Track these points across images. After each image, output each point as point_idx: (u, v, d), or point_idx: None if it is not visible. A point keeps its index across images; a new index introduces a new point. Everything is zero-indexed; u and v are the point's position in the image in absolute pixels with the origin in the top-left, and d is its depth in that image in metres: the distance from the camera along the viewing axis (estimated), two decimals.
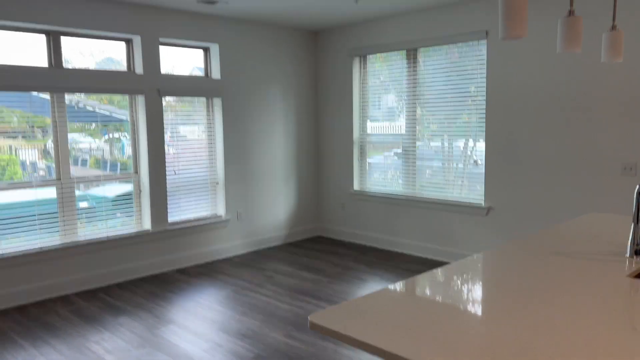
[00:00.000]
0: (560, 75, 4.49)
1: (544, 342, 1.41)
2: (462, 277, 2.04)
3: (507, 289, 1.88)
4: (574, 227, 2.89)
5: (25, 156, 4.70)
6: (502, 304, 1.72)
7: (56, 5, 4.44)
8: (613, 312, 1.62)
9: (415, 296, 1.85)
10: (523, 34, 1.78)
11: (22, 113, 4.60)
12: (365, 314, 1.64)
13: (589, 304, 1.70)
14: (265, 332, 3.73)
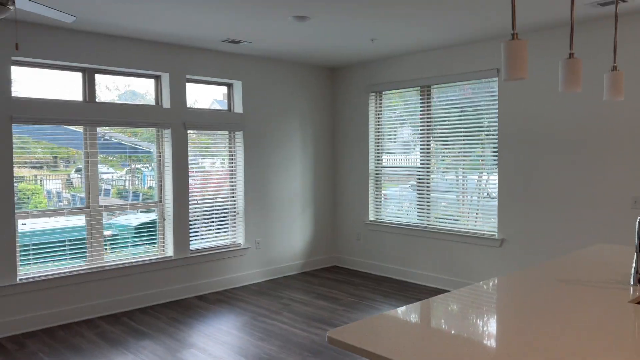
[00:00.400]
0: (570, 110, 4.66)
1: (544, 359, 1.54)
2: (470, 300, 2.18)
3: (512, 311, 2.01)
4: (581, 257, 3.00)
5: (51, 186, 4.97)
6: (505, 325, 1.86)
7: (92, 46, 4.78)
8: (611, 335, 1.75)
9: (426, 315, 1.99)
10: (524, 76, 1.97)
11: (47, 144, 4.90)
12: (379, 331, 1.78)
13: (588, 328, 1.82)
14: (282, 357, 3.84)
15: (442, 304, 2.13)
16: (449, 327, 1.85)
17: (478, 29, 4.73)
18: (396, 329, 1.81)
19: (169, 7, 3.97)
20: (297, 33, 4.86)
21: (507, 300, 2.18)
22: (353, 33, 4.89)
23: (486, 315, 2.00)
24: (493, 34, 4.93)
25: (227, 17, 4.28)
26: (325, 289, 5.74)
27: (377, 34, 4.92)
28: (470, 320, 1.92)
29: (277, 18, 4.32)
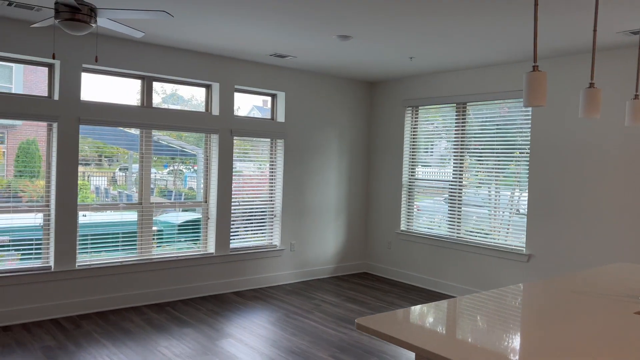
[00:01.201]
0: (599, 132, 4.80)
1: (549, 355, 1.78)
2: (488, 302, 2.42)
3: (524, 314, 2.25)
4: (599, 273, 3.17)
5: (98, 182, 5.41)
6: (513, 324, 2.10)
7: (152, 56, 5.23)
8: (612, 341, 1.97)
9: (445, 311, 2.24)
10: (542, 104, 2.22)
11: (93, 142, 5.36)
12: (401, 321, 2.06)
13: (591, 333, 2.04)
14: (313, 351, 4.13)
15: (462, 303, 2.38)
16: (464, 322, 2.10)
17: (511, 50, 4.93)
18: (416, 320, 2.08)
19: (224, 22, 4.36)
20: (339, 50, 5.18)
21: (521, 305, 2.41)
22: (392, 51, 5.17)
23: (498, 315, 2.24)
24: (526, 55, 5.12)
25: (276, 34, 4.65)
26: (354, 293, 6.00)
27: (415, 52, 5.19)
28: (484, 319, 2.17)
29: (322, 37, 4.65)
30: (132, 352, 4.00)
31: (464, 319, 2.16)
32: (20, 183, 4.72)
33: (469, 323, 2.11)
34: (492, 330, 2.03)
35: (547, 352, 1.78)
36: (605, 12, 3.66)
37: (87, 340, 4.21)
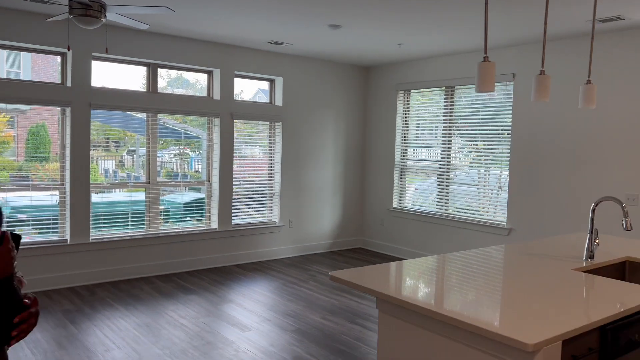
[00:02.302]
0: (574, 115, 5.13)
1: (501, 300, 2.18)
2: (452, 262, 2.81)
3: (479, 269, 2.64)
4: (557, 240, 3.56)
5: (107, 165, 5.79)
6: (466, 278, 2.49)
7: (156, 44, 5.59)
8: (547, 290, 2.36)
9: (407, 267, 2.64)
10: (491, 89, 2.57)
11: (100, 126, 5.76)
12: (369, 274, 2.46)
13: (532, 284, 2.44)
14: (306, 314, 4.56)
15: (426, 262, 2.77)
16: (421, 275, 2.50)
17: (496, 36, 5.25)
18: (379, 274, 2.48)
19: (223, 13, 4.71)
20: (332, 38, 5.51)
21: (479, 263, 2.80)
22: (381, 39, 5.50)
23: (455, 270, 2.64)
24: (510, 41, 5.44)
25: (272, 23, 4.99)
26: (349, 266, 6.42)
27: (404, 39, 5.52)
28: (440, 273, 2.57)
29: (314, 25, 4.99)
30: (142, 314, 4.45)
31: (422, 273, 2.56)
32: (31, 166, 5.12)
33: (424, 276, 2.51)
34: (443, 280, 2.43)
35: (488, 299, 2.18)
36: (579, 2, 3.97)
37: (102, 305, 4.67)
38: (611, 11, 4.18)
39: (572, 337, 1.82)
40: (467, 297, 2.18)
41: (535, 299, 2.14)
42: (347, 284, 2.36)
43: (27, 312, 1.39)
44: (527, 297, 2.17)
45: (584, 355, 1.87)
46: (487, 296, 2.17)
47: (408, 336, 2.10)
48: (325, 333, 4.13)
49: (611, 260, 2.97)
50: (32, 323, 1.41)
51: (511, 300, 2.12)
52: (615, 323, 1.99)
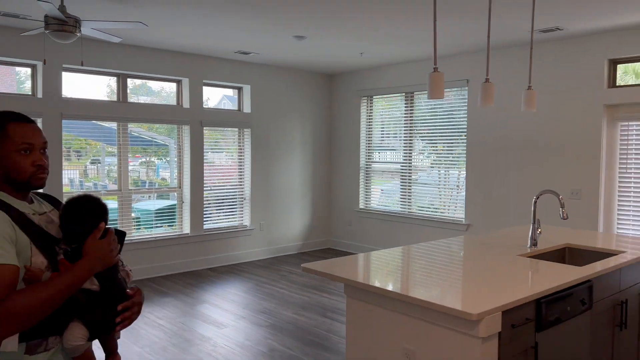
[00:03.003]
0: (522, 118, 5.56)
1: (453, 281, 2.48)
2: (412, 252, 3.11)
3: (434, 257, 2.94)
4: (508, 231, 3.91)
5: (72, 175, 5.84)
6: (421, 264, 2.79)
7: (126, 55, 5.74)
8: (493, 273, 2.68)
9: (372, 258, 2.92)
10: (440, 97, 2.89)
11: (71, 137, 5.86)
12: (337, 264, 2.73)
13: (486, 268, 2.75)
14: (279, 310, 4.80)
15: (388, 252, 3.06)
16: (387, 263, 2.79)
17: (450, 45, 5.63)
18: (346, 264, 2.76)
19: (192, 25, 4.92)
20: (297, 47, 5.78)
21: (435, 252, 3.11)
22: (344, 48, 5.80)
23: (416, 258, 2.93)
24: (463, 49, 5.83)
25: (239, 34, 5.22)
26: None
27: (365, 49, 5.84)
28: (402, 261, 2.86)
29: (280, 36, 5.25)
30: None
31: (385, 262, 2.84)
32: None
33: (386, 264, 2.79)
34: (403, 267, 2.71)
35: (442, 281, 2.48)
36: (522, 13, 4.36)
37: None
38: (551, 22, 4.59)
39: (511, 309, 2.12)
40: (424, 280, 2.47)
41: (483, 280, 2.46)
42: (318, 273, 2.62)
43: (130, 301, 1.50)
44: (476, 279, 2.48)
45: (521, 324, 2.19)
46: (442, 279, 2.47)
47: (372, 316, 2.38)
48: (298, 327, 4.38)
49: (553, 247, 3.33)
50: (135, 312, 1.52)
51: (462, 282, 2.43)
52: (548, 297, 2.32)
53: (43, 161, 1.45)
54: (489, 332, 2.00)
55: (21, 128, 1.42)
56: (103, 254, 1.44)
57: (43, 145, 1.47)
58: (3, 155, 1.40)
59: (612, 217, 5.06)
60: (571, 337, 2.53)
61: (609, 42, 4.94)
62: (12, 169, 1.41)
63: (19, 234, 1.35)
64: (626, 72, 5.03)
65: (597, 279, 2.69)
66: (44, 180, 1.47)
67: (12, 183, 1.43)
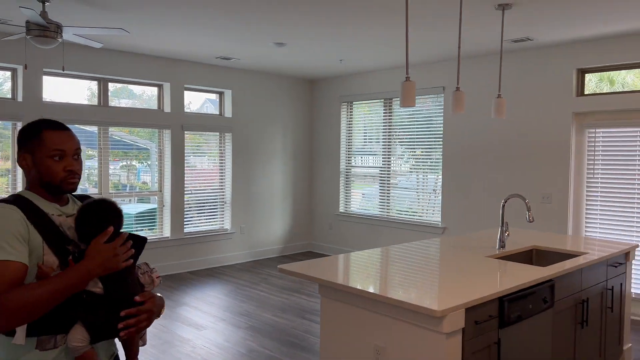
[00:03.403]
0: (496, 125, 5.74)
1: (423, 281, 2.59)
2: (384, 254, 3.22)
3: (410, 259, 3.06)
4: (478, 234, 4.06)
5: None
6: (398, 264, 2.91)
7: (107, 60, 5.77)
8: (461, 272, 2.81)
9: (348, 260, 3.03)
10: (412, 104, 3.02)
11: None
12: (313, 265, 2.83)
13: (454, 268, 2.88)
14: (258, 312, 4.88)
15: (361, 254, 3.17)
16: (359, 264, 2.90)
17: (429, 53, 5.79)
18: (320, 265, 2.86)
19: (173, 31, 4.99)
20: (277, 53, 5.89)
21: (407, 255, 3.23)
22: (324, 55, 5.93)
23: (389, 259, 3.05)
24: (440, 57, 5.99)
25: (220, 41, 5.31)
26: None
27: (344, 55, 5.97)
28: (373, 262, 2.97)
29: (260, 43, 5.35)
30: None
31: (357, 263, 2.95)
32: None
33: (358, 265, 2.90)
34: (375, 268, 2.83)
35: (412, 281, 2.59)
36: (493, 24, 4.53)
37: None
38: (522, 33, 4.77)
39: (475, 306, 2.25)
40: (393, 279, 2.59)
41: (450, 279, 2.58)
42: (294, 274, 2.71)
43: (136, 309, 1.47)
44: (443, 278, 2.60)
45: (485, 321, 2.31)
46: (411, 279, 2.59)
47: (345, 315, 2.48)
48: (277, 328, 4.46)
49: (520, 249, 3.48)
50: (143, 319, 1.49)
51: (430, 281, 2.55)
52: (511, 295, 2.45)
53: (74, 167, 1.53)
54: (453, 328, 2.12)
55: (55, 135, 1.51)
56: (104, 258, 1.45)
57: (75, 152, 1.55)
58: (37, 160, 1.50)
59: (580, 221, 5.25)
60: (533, 333, 2.66)
61: (577, 53, 5.15)
62: (45, 174, 1.50)
63: (32, 233, 1.43)
64: (601, 80, 5.22)
65: (558, 278, 2.84)
66: (74, 184, 1.55)
67: (45, 186, 1.52)
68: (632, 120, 4.87)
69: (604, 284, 3.34)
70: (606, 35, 4.83)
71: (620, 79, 5.09)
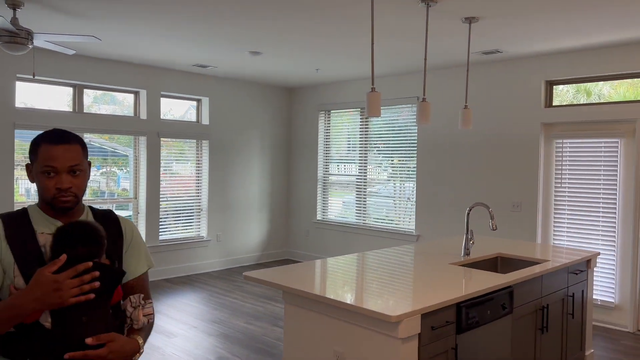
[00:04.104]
0: (467, 134, 5.85)
1: (382, 287, 2.64)
2: (350, 261, 3.27)
3: (374, 266, 3.11)
4: (445, 241, 4.13)
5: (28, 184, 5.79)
6: (366, 272, 2.95)
7: (82, 66, 5.76)
8: (424, 278, 2.86)
9: (312, 267, 3.07)
10: (378, 115, 3.08)
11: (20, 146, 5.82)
12: (275, 273, 2.86)
13: (417, 275, 2.93)
14: (231, 320, 4.88)
15: (329, 261, 3.21)
16: (321, 271, 2.94)
17: (401, 64, 5.88)
18: (284, 273, 2.89)
19: (148, 39, 5.00)
20: (254, 62, 5.93)
21: (373, 262, 3.28)
22: (300, 64, 5.99)
23: (354, 266, 3.09)
24: (415, 68, 6.10)
25: (195, 48, 5.33)
26: None
27: (320, 65, 6.03)
28: (338, 269, 3.01)
29: (236, 52, 5.39)
30: None
31: (318, 270, 2.99)
32: None
33: (319, 272, 2.94)
34: (335, 274, 2.87)
35: (371, 287, 2.64)
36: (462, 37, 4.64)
37: None
38: (491, 45, 4.89)
39: (431, 312, 2.30)
40: (354, 286, 2.63)
41: (411, 285, 2.63)
42: (257, 281, 2.74)
43: (82, 353, 1.31)
44: (404, 285, 2.65)
45: (441, 326, 2.37)
46: (371, 285, 2.64)
47: (306, 321, 2.52)
48: (248, 336, 4.47)
49: (485, 256, 3.56)
50: None
51: (389, 288, 2.59)
52: (468, 302, 2.51)
53: (63, 184, 1.42)
54: (408, 333, 2.17)
55: (48, 150, 1.43)
56: (43, 291, 1.28)
57: (70, 169, 1.44)
58: (34, 174, 1.46)
59: (549, 229, 5.36)
60: (492, 339, 2.73)
61: (546, 65, 5.28)
62: (39, 189, 1.46)
63: (5, 252, 1.38)
64: (578, 91, 5.33)
65: (518, 285, 2.91)
66: (68, 202, 1.45)
67: (44, 201, 1.47)
68: (597, 131, 5.01)
69: (564, 291, 3.43)
70: (574, 49, 4.98)
71: (597, 90, 5.22)
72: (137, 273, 1.62)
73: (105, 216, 1.61)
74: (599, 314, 4.98)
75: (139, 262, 1.63)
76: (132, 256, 1.61)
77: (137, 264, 1.62)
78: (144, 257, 1.66)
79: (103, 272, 1.37)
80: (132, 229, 1.64)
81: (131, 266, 1.60)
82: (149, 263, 1.67)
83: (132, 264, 1.60)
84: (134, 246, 1.62)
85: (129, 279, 1.59)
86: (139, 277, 1.62)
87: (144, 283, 1.64)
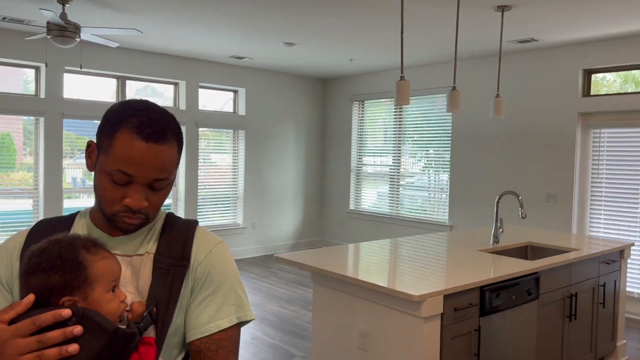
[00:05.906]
0: (502, 124, 5.80)
1: (410, 271, 2.73)
2: (381, 246, 3.36)
3: (404, 251, 3.19)
4: (474, 231, 4.15)
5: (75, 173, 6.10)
6: (398, 257, 3.04)
7: (125, 58, 6.02)
8: (455, 262, 2.92)
9: (345, 251, 3.17)
10: (407, 103, 3.14)
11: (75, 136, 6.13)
12: (306, 255, 2.98)
13: (445, 260, 3.00)
14: (265, 303, 5.05)
15: (359, 246, 3.31)
16: (353, 255, 3.04)
17: (436, 54, 5.88)
18: (315, 255, 3.01)
19: (187, 31, 5.19)
20: (288, 53, 6.05)
21: (402, 247, 3.35)
22: (334, 55, 6.07)
23: (382, 251, 3.18)
24: (449, 58, 6.08)
25: (232, 41, 5.49)
26: None
27: (354, 55, 6.10)
28: (369, 253, 3.11)
29: (271, 43, 5.52)
30: None
31: (348, 254, 3.09)
32: None
33: (349, 255, 3.04)
34: (365, 257, 2.96)
35: (399, 270, 2.72)
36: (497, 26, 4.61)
37: None
38: (526, 34, 4.84)
39: (454, 294, 2.37)
40: (382, 269, 2.72)
41: (437, 269, 2.70)
42: (288, 262, 2.87)
43: None
44: (431, 268, 2.72)
45: (464, 308, 2.43)
46: (399, 268, 2.72)
47: (334, 301, 2.63)
48: (281, 318, 4.62)
49: (515, 244, 3.57)
50: None
51: (417, 271, 2.67)
52: (492, 285, 2.56)
53: (136, 204, 0.96)
54: (431, 312, 2.24)
55: (132, 146, 0.94)
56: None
57: (152, 181, 0.97)
58: (98, 167, 0.99)
59: (585, 220, 5.28)
60: (517, 323, 2.77)
61: (583, 53, 5.18)
62: (98, 190, 0.99)
63: (16, 271, 0.98)
64: (626, 81, 5.17)
65: (545, 272, 2.93)
66: (133, 225, 0.99)
67: (101, 209, 1.01)
68: (637, 121, 4.89)
69: (595, 280, 3.41)
70: (613, 36, 4.87)
71: None
72: (210, 329, 1.00)
73: (174, 229, 1.06)
74: (636, 306, 4.89)
75: (220, 310, 1.02)
76: (206, 298, 1.02)
77: (214, 312, 1.01)
78: (231, 303, 1.03)
79: (92, 328, 0.80)
80: (213, 255, 1.05)
81: (201, 315, 1.01)
82: (239, 313, 1.03)
83: (203, 310, 1.01)
84: (210, 283, 1.03)
85: (194, 336, 1.00)
86: (211, 337, 1.00)
87: (223, 349, 1.00)
